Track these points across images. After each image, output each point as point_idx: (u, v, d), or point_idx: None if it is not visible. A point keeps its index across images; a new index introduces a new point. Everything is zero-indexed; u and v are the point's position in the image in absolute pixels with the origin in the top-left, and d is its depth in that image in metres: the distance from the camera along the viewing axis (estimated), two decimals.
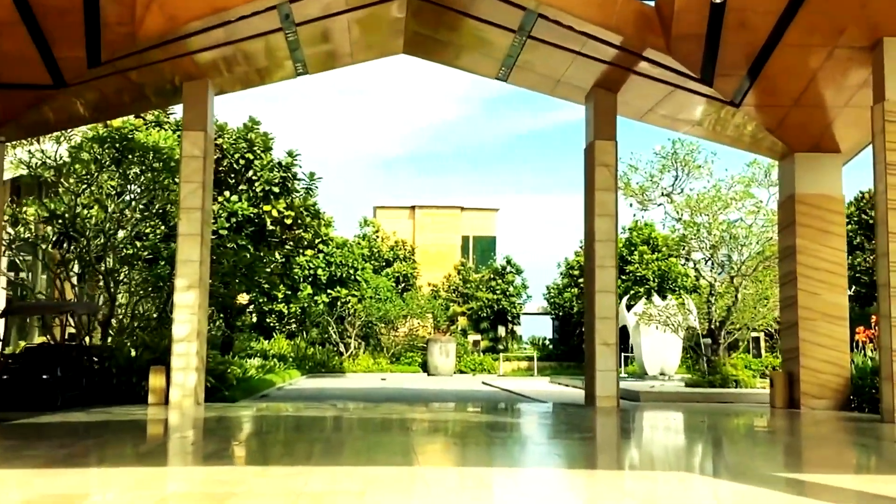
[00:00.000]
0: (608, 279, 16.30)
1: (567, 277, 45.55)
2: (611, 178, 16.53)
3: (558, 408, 15.80)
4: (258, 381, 21.75)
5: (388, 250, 45.96)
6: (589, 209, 16.74)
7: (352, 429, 11.67)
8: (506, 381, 29.20)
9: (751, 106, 15.38)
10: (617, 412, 14.94)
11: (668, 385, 21.16)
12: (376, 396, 20.15)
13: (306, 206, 22.80)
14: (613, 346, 16.20)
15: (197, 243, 16.09)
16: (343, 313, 37.42)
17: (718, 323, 20.84)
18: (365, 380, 30.50)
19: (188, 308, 15.99)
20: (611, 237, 16.41)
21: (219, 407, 15.50)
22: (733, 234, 19.74)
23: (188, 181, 16.22)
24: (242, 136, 22.67)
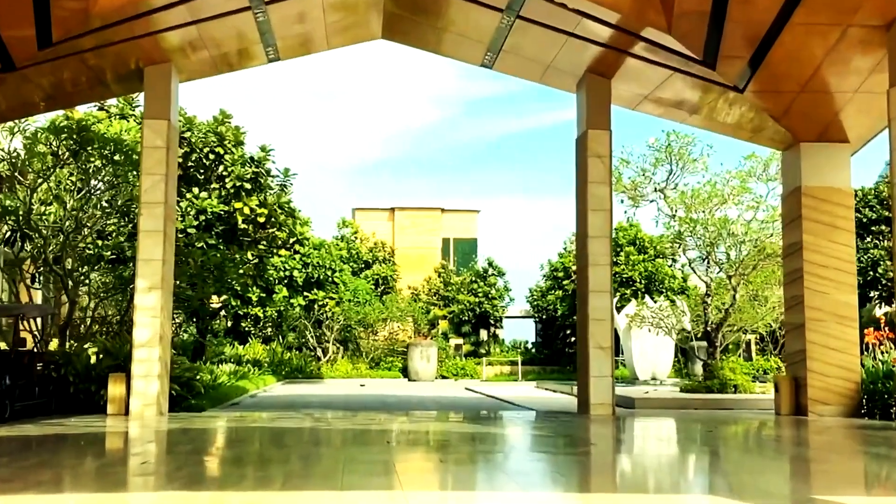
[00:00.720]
0: (602, 278, 15.22)
1: (550, 280, 44.49)
2: (605, 170, 15.45)
3: (550, 417, 14.68)
4: (229, 389, 20.52)
5: (367, 252, 44.77)
6: (581, 203, 15.66)
7: (326, 443, 10.51)
8: (490, 386, 28.09)
9: (755, 91, 14.33)
10: (613, 421, 13.85)
11: (662, 390, 20.10)
12: (354, 404, 18.97)
13: (280, 203, 21.59)
14: (609, 349, 15.12)
15: (159, 241, 14.89)
16: (321, 317, 36.17)
17: (715, 325, 19.80)
18: (343, 386, 29.29)
19: (150, 310, 14.77)
20: (605, 233, 15.33)
21: (183, 417, 14.29)
22: (731, 230, 18.70)
23: (150, 173, 15.02)
24: (212, 130, 21.44)
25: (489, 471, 7.99)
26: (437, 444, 10.21)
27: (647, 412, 16.03)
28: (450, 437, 11.00)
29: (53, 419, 13.55)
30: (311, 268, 28.97)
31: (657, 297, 26.03)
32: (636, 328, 21.60)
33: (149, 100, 15.24)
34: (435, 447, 9.86)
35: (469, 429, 12.58)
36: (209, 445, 10.24)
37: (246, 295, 28.95)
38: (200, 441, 10.69)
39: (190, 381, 16.89)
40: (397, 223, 54.07)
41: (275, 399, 21.06)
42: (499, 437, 11.40)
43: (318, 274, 29.14)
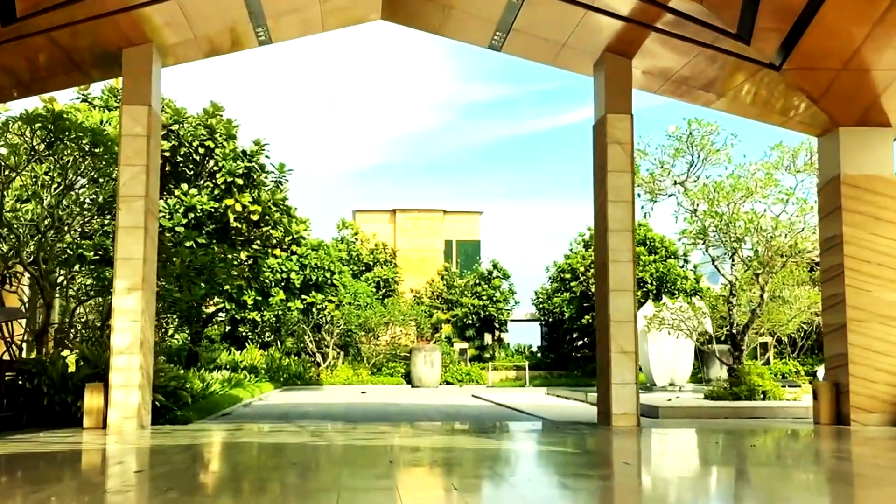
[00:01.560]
0: (625, 276, 13.90)
1: (557, 282, 43.20)
2: (626, 158, 14.14)
3: (568, 429, 13.36)
4: (221, 398, 19.22)
5: (367, 254, 43.46)
6: (600, 195, 14.35)
7: (320, 463, 9.19)
8: (497, 393, 26.75)
9: (792, 69, 13.02)
10: (640, 434, 12.53)
11: (685, 398, 18.76)
12: (355, 414, 17.66)
13: (275, 200, 20.27)
14: (632, 354, 13.81)
15: (140, 237, 13.60)
16: (320, 321, 34.88)
17: (741, 326, 18.46)
18: (343, 393, 27.97)
19: (129, 314, 13.48)
20: (627, 226, 14.02)
21: (166, 431, 12.98)
22: (759, 225, 17.37)
23: (129, 164, 13.73)
24: (202, 122, 20.14)
25: (498, 499, 6.69)
26: (446, 465, 8.90)
27: (673, 422, 14.71)
28: (460, 456, 9.68)
29: (22, 434, 12.25)
30: (308, 269, 27.66)
31: (673, 300, 24.66)
32: (654, 330, 20.25)
33: (128, 84, 13.95)
34: (444, 469, 8.55)
35: (481, 444, 11.26)
36: (185, 467, 8.93)
37: (241, 298, 27.66)
38: (177, 462, 9.38)
39: (176, 391, 15.61)
40: (398, 225, 52.87)
41: (269, 408, 19.75)
42: (516, 456, 10.07)
43: (316, 276, 27.83)
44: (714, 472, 8.65)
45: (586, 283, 38.55)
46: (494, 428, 13.98)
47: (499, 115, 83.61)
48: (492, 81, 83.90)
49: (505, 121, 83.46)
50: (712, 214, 17.35)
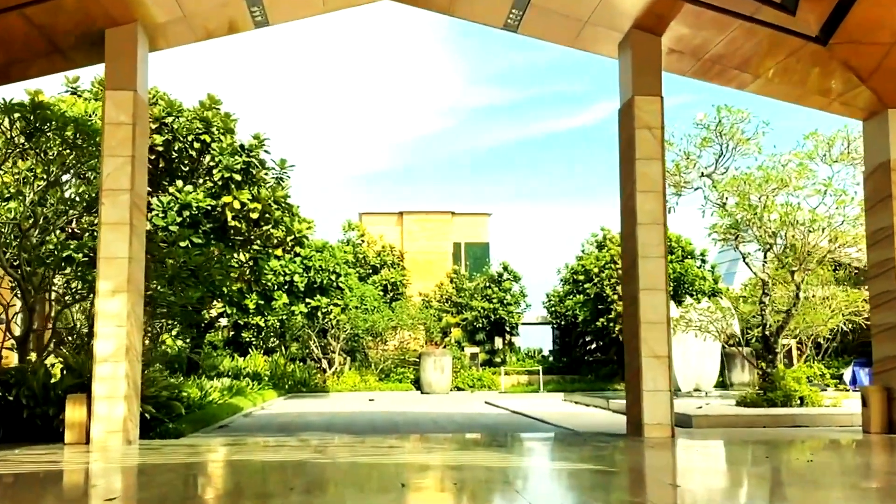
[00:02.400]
0: (656, 273, 12.69)
1: (569, 284, 41.94)
2: (656, 144, 12.92)
3: (597, 441, 12.13)
4: (220, 407, 18.05)
5: (374, 256, 42.26)
6: (627, 185, 13.14)
7: (323, 486, 8.00)
8: (511, 399, 25.53)
9: (841, 43, 11.82)
10: (677, 447, 11.31)
11: (716, 404, 17.52)
12: (361, 424, 16.47)
13: (276, 198, 19.08)
14: (665, 358, 12.59)
15: (125, 234, 12.43)
16: (325, 325, 33.67)
17: (776, 328, 17.22)
18: (350, 400, 26.77)
19: (114, 318, 12.32)
20: (658, 219, 12.80)
21: (154, 447, 11.80)
22: (795, 218, 16.13)
23: (113, 155, 12.58)
24: (198, 115, 18.97)
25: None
26: (466, 488, 7.69)
27: (708, 433, 13.47)
28: (481, 477, 8.47)
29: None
30: (313, 272, 26.47)
31: (697, 301, 23.41)
32: (680, 332, 18.99)
33: (111, 67, 12.79)
34: (465, 494, 7.33)
35: (503, 462, 10.05)
36: (163, 492, 7.74)
37: (243, 303, 26.49)
38: (155, 485, 8.19)
39: (168, 402, 14.43)
40: (406, 228, 51.72)
41: (272, 418, 18.57)
42: (545, 476, 8.85)
43: (320, 278, 26.63)
44: (781, 495, 7.41)
45: (600, 285, 37.35)
46: (515, 440, 12.75)
47: (505, 118, 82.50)
48: (498, 85, 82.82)
49: (511, 124, 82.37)
50: (745, 207, 16.11)
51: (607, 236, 40.19)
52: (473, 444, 12.12)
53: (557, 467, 9.35)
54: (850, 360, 32.44)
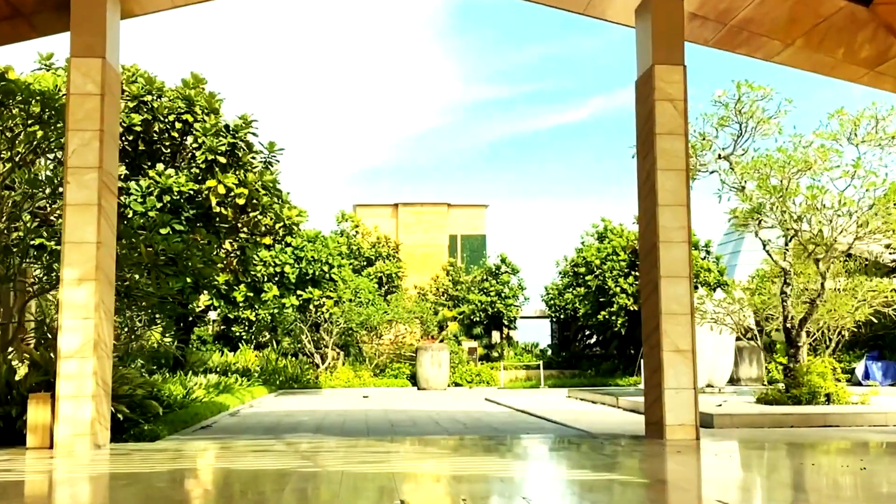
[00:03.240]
0: (679, 259, 11.53)
1: (569, 277, 40.79)
2: (679, 118, 11.75)
3: (615, 445, 10.98)
4: (204, 406, 16.84)
5: (369, 248, 41.05)
6: (645, 164, 11.97)
7: (308, 501, 6.83)
8: (512, 396, 24.36)
9: (886, 3, 10.65)
10: (701, 451, 10.16)
11: (735, 402, 16.37)
12: (355, 425, 15.30)
13: (264, 182, 17.88)
14: (689, 352, 11.44)
15: (92, 217, 11.24)
16: (318, 319, 32.48)
17: (799, 320, 16.07)
18: (344, 398, 25.60)
19: (80, 309, 11.13)
20: (681, 199, 11.63)
21: (124, 452, 10.64)
22: (822, 202, 14.97)
23: (79, 129, 11.38)
24: (180, 94, 17.77)
25: None
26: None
27: (733, 434, 12.30)
28: (493, 492, 7.31)
29: None
30: (304, 263, 25.26)
31: (710, 292, 22.26)
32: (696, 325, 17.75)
33: (77, 32, 11.57)
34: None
35: (515, 471, 8.89)
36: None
37: (231, 295, 25.31)
38: (113, 502, 7.02)
39: (144, 401, 13.24)
40: (401, 220, 50.53)
41: (259, 418, 17.38)
42: (568, 490, 7.68)
43: (312, 270, 25.43)
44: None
45: (602, 277, 36.20)
46: (525, 444, 11.58)
47: (501, 114, 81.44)
48: (493, 82, 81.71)
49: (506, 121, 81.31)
50: (768, 189, 14.93)
51: (608, 227, 39.04)
52: (479, 448, 10.95)
53: (578, 477, 8.18)
54: (861, 354, 31.37)
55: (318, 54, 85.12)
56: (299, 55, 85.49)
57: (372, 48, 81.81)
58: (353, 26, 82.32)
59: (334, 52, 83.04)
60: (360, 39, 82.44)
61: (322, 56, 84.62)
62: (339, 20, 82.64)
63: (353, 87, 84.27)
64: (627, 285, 35.19)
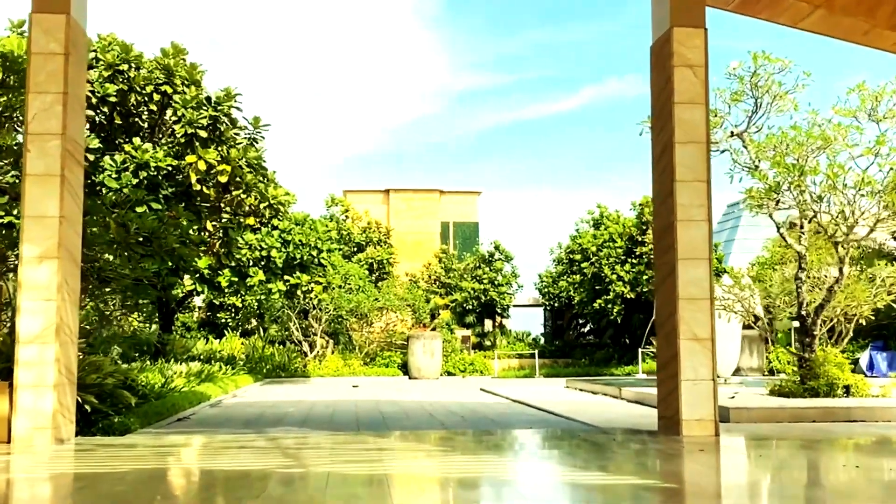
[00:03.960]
0: (698, 240, 10.56)
1: (563, 264, 39.86)
2: (699, 86, 10.77)
3: (628, 442, 10.04)
4: (183, 396, 15.85)
5: (359, 233, 40.02)
6: (662, 137, 10.99)
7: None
8: (508, 386, 23.42)
9: None
10: (720, 448, 9.23)
11: (747, 393, 15.45)
12: (344, 417, 14.33)
13: (248, 158, 16.84)
14: (708, 341, 10.48)
15: (55, 189, 10.21)
16: (307, 306, 31.48)
17: (815, 307, 15.14)
18: (333, 387, 24.62)
19: (41, 289, 10.10)
20: (701, 175, 10.66)
21: (87, 447, 9.65)
22: (844, 181, 14.01)
23: (40, 91, 10.33)
24: (159, 64, 16.71)
25: None
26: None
27: (753, 429, 11.37)
28: (501, 495, 6.35)
29: None
30: (292, 247, 24.23)
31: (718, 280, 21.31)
32: None
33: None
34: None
35: (525, 473, 7.93)
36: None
37: (215, 280, 24.26)
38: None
39: (115, 391, 12.23)
40: (392, 206, 49.51)
41: (242, 409, 16.39)
42: (590, 499, 6.70)
43: (300, 254, 24.40)
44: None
45: (598, 265, 35.29)
46: (529, 441, 10.61)
47: (490, 103, 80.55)
48: (483, 71, 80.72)
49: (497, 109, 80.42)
50: (787, 167, 13.96)
51: (604, 214, 38.13)
52: (479, 444, 9.98)
53: (599, 482, 7.21)
54: (865, 345, 30.54)
55: (304, 40, 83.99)
56: (286, 41, 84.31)
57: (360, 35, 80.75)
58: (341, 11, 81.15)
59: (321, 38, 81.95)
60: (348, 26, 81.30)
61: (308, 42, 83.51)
62: (326, 4, 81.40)
63: (340, 74, 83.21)
64: (624, 273, 34.29)
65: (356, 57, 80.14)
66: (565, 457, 8.75)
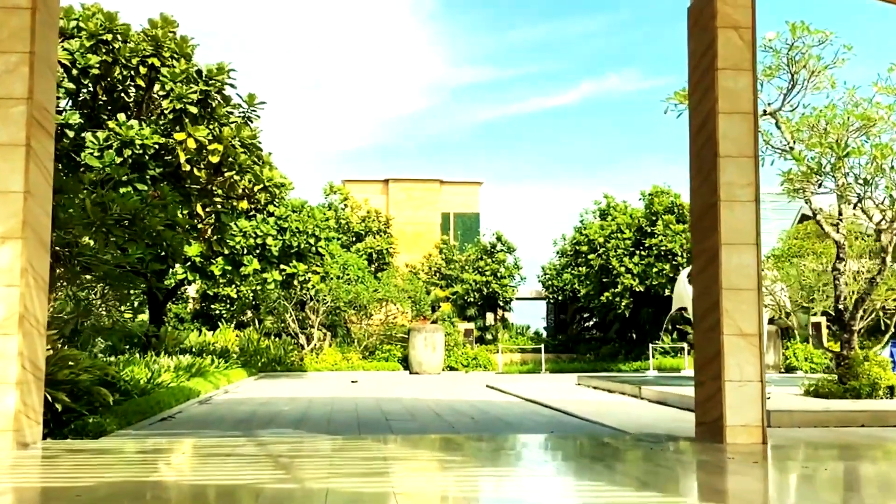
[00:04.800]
0: (745, 222, 9.38)
1: (568, 256, 38.73)
2: (745, 49, 9.58)
3: (667, 451, 8.88)
4: (169, 392, 14.67)
5: (358, 222, 38.83)
6: (702, 105, 9.80)
7: None
8: (515, 382, 22.24)
9: None
10: (771, 461, 8.08)
11: (781, 394, 14.29)
12: (343, 417, 13.17)
13: (241, 137, 15.65)
14: (755, 337, 9.31)
15: (19, 160, 9.02)
16: (304, 297, 30.29)
17: (855, 301, 13.98)
18: (330, 382, 23.47)
19: (2, 275, 8.92)
20: (747, 150, 9.48)
21: (54, 452, 8.49)
22: (892, 164, 12.83)
23: (3, 50, 9.15)
24: (146, 36, 15.52)
25: None
26: None
27: (803, 436, 10.20)
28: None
29: None
30: (288, 234, 23.05)
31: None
32: None
33: None
34: None
35: (565, 496, 6.76)
36: None
37: (208, 269, 23.09)
38: None
39: (91, 388, 11.05)
40: (392, 197, 48.26)
41: (233, 406, 15.22)
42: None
43: (297, 242, 23.22)
44: None
45: (606, 256, 34.10)
46: (556, 449, 9.43)
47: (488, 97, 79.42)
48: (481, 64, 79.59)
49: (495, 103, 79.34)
50: (829, 146, 12.79)
51: (611, 204, 36.97)
52: (499, 453, 8.82)
53: (651, 501, 6.04)
54: (887, 342, 29.42)
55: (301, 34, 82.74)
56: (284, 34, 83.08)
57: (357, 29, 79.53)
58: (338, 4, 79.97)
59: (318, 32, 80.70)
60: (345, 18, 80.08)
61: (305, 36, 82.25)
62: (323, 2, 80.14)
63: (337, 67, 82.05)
64: (633, 265, 33.13)
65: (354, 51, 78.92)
66: (603, 471, 7.57)
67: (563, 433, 10.72)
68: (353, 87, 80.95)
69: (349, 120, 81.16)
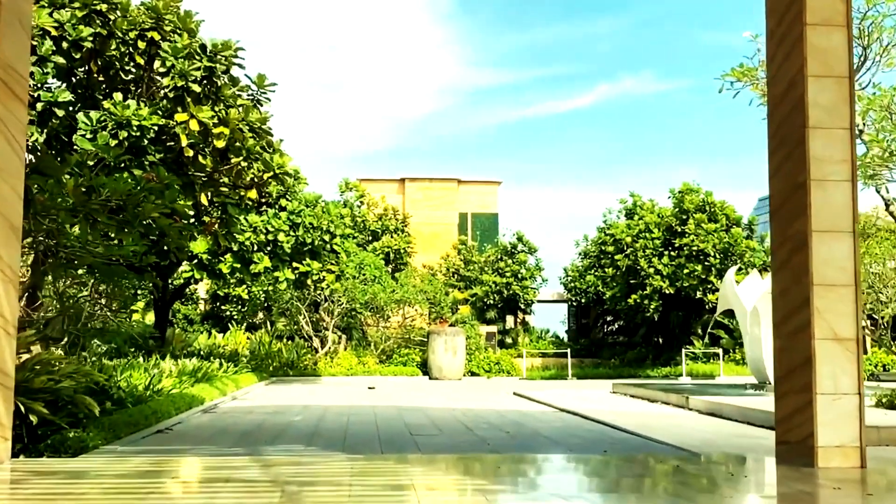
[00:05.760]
0: (840, 206, 7.89)
1: (591, 258, 37.22)
2: (839, 1, 8.11)
3: (747, 477, 7.44)
4: (168, 400, 13.27)
5: (374, 220, 37.42)
6: (786, 68, 8.32)
7: None
8: (543, 389, 20.74)
9: None
10: (879, 491, 6.59)
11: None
12: (361, 430, 11.74)
13: (249, 121, 14.26)
14: (853, 342, 7.82)
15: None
16: (318, 298, 28.89)
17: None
18: (346, 388, 22.05)
19: None
20: (842, 120, 7.98)
21: (22, 473, 7.11)
22: None
23: None
24: (146, 8, 14.16)
25: None
26: None
27: (890, 454, 8.71)
28: None
29: None
30: (302, 230, 21.64)
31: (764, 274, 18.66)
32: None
33: None
34: None
35: None
36: None
37: (216, 267, 21.73)
38: None
39: (74, 397, 9.65)
40: (408, 196, 46.84)
41: (239, 416, 13.80)
42: None
43: (311, 239, 21.81)
44: None
45: (633, 257, 32.54)
46: (616, 474, 7.94)
47: (503, 99, 78.38)
48: (498, 66, 78.48)
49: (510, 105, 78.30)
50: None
51: (637, 203, 35.41)
52: (549, 479, 7.36)
53: None
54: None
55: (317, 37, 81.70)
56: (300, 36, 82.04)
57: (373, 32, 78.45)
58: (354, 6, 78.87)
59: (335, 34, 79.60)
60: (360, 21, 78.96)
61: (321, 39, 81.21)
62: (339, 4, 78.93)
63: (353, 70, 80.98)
64: (662, 266, 31.56)
65: (368, 53, 77.92)
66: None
67: (618, 453, 9.23)
68: (368, 89, 80.00)
69: (364, 121, 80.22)
